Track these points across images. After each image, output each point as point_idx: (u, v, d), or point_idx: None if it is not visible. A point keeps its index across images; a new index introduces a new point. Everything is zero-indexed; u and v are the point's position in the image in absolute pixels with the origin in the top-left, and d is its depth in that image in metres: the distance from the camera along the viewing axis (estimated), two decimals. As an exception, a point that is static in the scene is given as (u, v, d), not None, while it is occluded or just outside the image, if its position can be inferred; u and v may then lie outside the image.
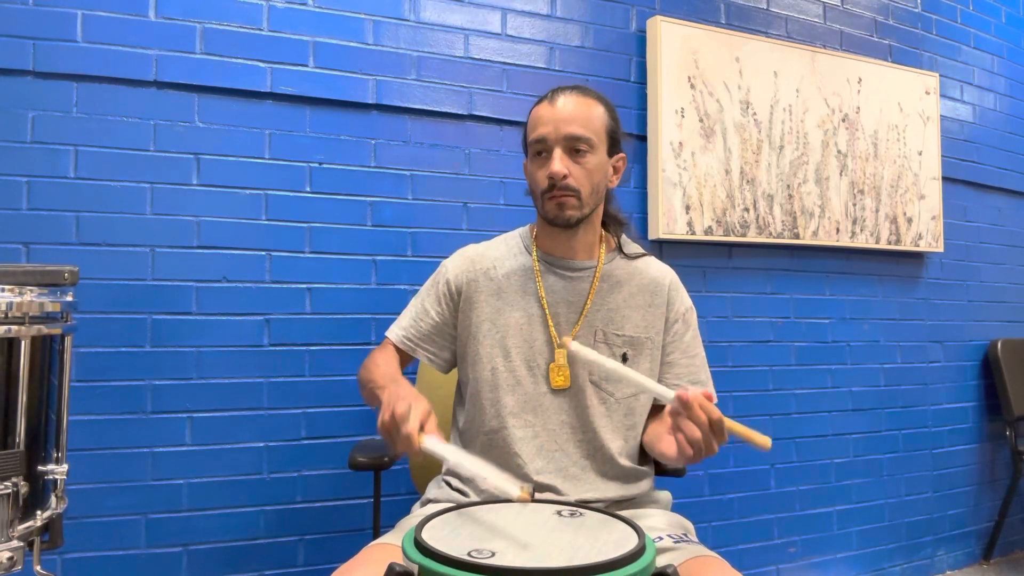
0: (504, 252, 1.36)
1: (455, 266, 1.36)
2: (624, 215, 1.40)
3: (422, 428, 0.98)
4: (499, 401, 1.27)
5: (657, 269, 1.37)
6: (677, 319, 1.34)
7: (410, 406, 0.99)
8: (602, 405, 1.27)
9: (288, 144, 1.82)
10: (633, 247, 1.38)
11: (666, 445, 1.07)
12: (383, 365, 1.31)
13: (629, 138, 1.34)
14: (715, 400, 1.01)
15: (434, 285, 1.38)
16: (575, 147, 1.23)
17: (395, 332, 1.38)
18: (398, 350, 1.37)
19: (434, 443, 0.98)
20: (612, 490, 1.26)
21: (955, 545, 2.75)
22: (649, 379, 1.11)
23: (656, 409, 1.34)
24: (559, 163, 1.21)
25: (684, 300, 1.37)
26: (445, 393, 1.52)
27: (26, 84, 1.61)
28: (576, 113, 1.23)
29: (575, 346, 1.06)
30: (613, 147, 1.29)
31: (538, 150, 1.25)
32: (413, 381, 1.66)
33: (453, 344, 1.36)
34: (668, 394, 1.02)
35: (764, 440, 0.98)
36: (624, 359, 1.28)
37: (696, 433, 0.98)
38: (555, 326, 1.28)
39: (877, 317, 2.61)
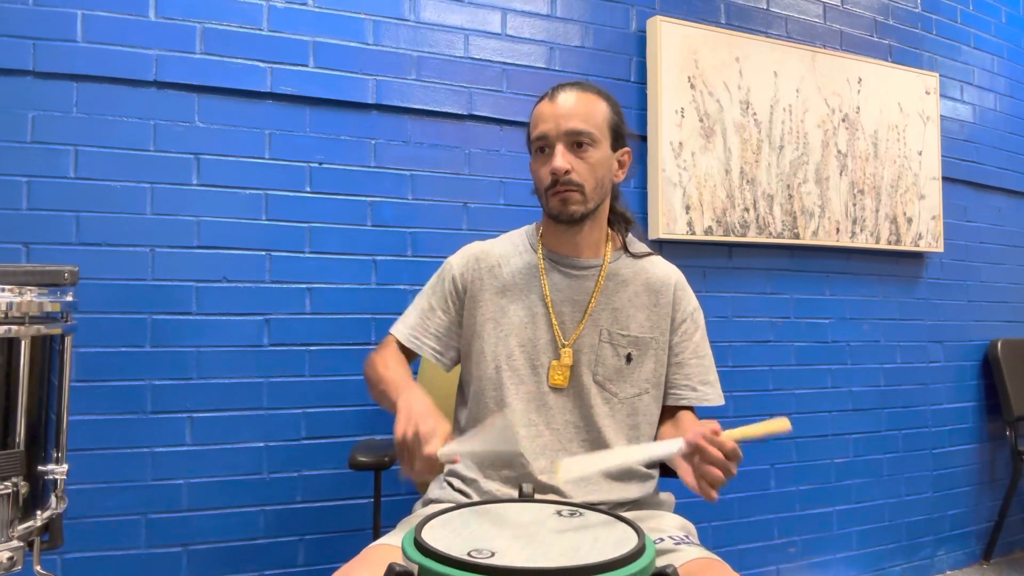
0: (509, 250, 1.36)
1: (460, 264, 1.36)
2: (631, 213, 1.40)
3: None
4: (502, 400, 1.27)
5: (663, 269, 1.37)
6: (685, 319, 1.34)
7: (434, 428, 0.99)
8: (606, 405, 1.27)
9: (288, 144, 1.82)
10: (639, 246, 1.38)
11: (682, 470, 1.06)
12: (393, 366, 1.29)
13: (635, 136, 1.35)
14: (719, 431, 0.98)
15: (439, 283, 1.37)
16: (577, 142, 1.22)
17: (400, 330, 1.36)
18: (403, 348, 1.35)
19: (447, 450, 0.98)
20: (616, 491, 1.26)
21: (955, 545, 2.75)
22: (648, 446, 1.12)
23: (668, 411, 1.34)
24: (561, 158, 1.21)
25: (691, 300, 1.36)
26: (446, 392, 1.52)
27: (26, 84, 1.61)
28: (576, 108, 1.23)
29: (564, 471, 1.05)
30: (617, 142, 1.28)
31: (540, 147, 1.25)
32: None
33: (458, 342, 1.36)
34: (674, 447, 1.01)
35: (781, 425, 0.96)
36: (629, 359, 1.28)
37: (717, 474, 0.96)
38: (559, 324, 1.28)
39: (877, 317, 2.61)
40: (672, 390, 1.32)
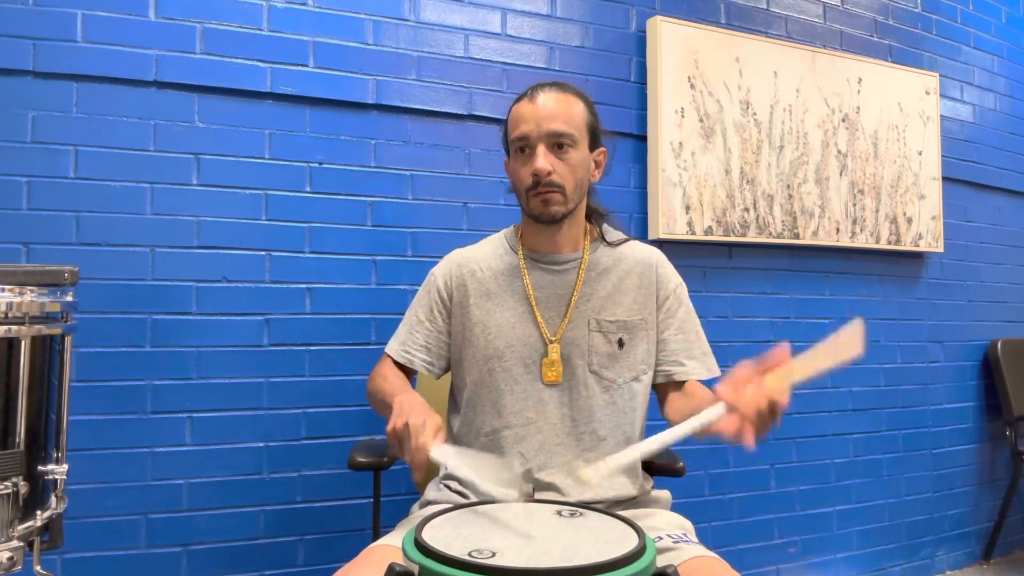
0: (490, 253, 1.37)
1: (443, 273, 1.37)
2: (604, 207, 1.40)
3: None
4: (498, 402, 1.27)
5: (642, 251, 1.37)
6: (668, 295, 1.34)
7: (424, 420, 1.00)
8: (605, 393, 1.27)
9: (288, 144, 1.82)
10: (615, 234, 1.39)
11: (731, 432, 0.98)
12: (392, 378, 1.31)
13: (610, 134, 1.35)
14: (752, 378, 0.90)
15: (426, 295, 1.38)
16: (558, 143, 1.23)
17: (392, 347, 1.38)
18: (397, 364, 1.36)
19: (440, 452, 0.99)
20: (616, 486, 1.26)
21: (955, 545, 2.75)
22: (686, 424, 0.95)
23: (674, 384, 1.33)
24: (543, 160, 1.22)
25: (673, 277, 1.36)
26: (440, 398, 1.52)
27: (26, 84, 1.60)
28: (557, 110, 1.24)
29: (589, 475, 0.95)
30: (594, 142, 1.30)
31: (520, 147, 1.26)
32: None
33: (448, 351, 1.36)
34: (715, 413, 0.92)
35: (851, 348, 0.85)
36: (621, 344, 1.29)
37: (753, 428, 0.89)
38: (544, 321, 1.29)
39: (877, 317, 2.61)
40: (659, 367, 1.33)
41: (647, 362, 1.31)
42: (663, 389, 1.34)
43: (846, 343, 0.86)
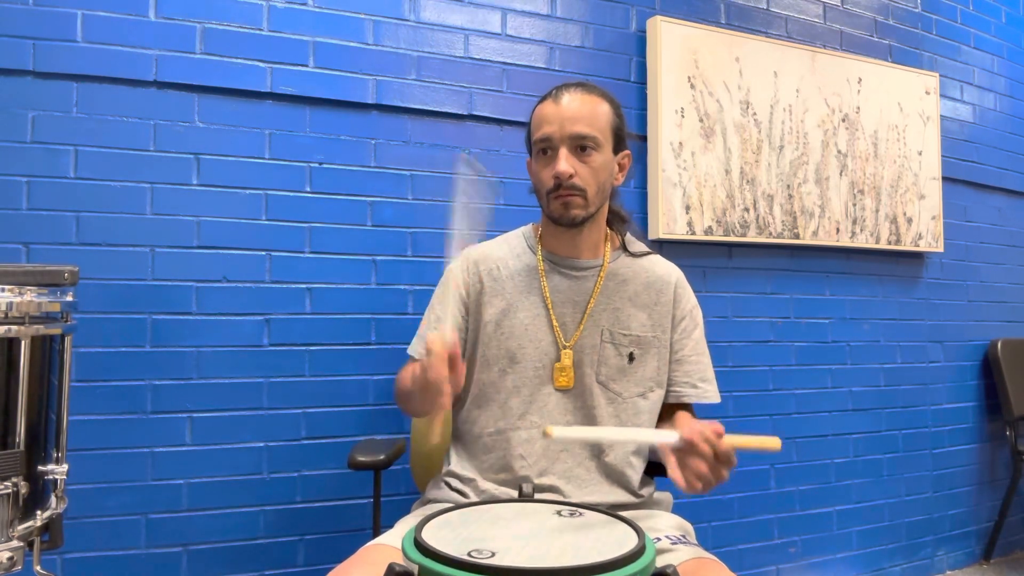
0: (508, 252, 1.35)
1: (461, 269, 1.35)
2: (627, 211, 1.40)
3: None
4: (505, 403, 1.27)
5: (663, 267, 1.37)
6: (684, 316, 1.34)
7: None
8: (610, 405, 1.27)
9: (288, 144, 1.82)
10: (638, 245, 1.38)
11: (669, 461, 1.05)
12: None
13: (635, 136, 1.34)
14: (722, 433, 0.98)
15: (444, 291, 1.36)
16: (580, 146, 1.22)
17: (414, 347, 1.36)
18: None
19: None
20: (615, 495, 1.26)
21: (955, 545, 2.75)
22: (642, 430, 1.10)
23: (666, 409, 1.34)
24: (565, 163, 1.20)
25: (690, 298, 1.36)
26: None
27: (26, 84, 1.61)
28: (581, 111, 1.22)
29: (558, 432, 1.03)
30: (618, 145, 1.28)
31: (543, 148, 1.24)
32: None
33: (465, 347, 1.34)
34: (669, 438, 1.01)
35: (774, 443, 0.96)
36: (631, 358, 1.28)
37: (702, 468, 0.96)
38: (560, 326, 1.28)
39: (877, 317, 2.61)
40: (672, 387, 1.32)
41: (656, 380, 1.30)
42: (668, 409, 1.34)
43: (768, 443, 0.98)
